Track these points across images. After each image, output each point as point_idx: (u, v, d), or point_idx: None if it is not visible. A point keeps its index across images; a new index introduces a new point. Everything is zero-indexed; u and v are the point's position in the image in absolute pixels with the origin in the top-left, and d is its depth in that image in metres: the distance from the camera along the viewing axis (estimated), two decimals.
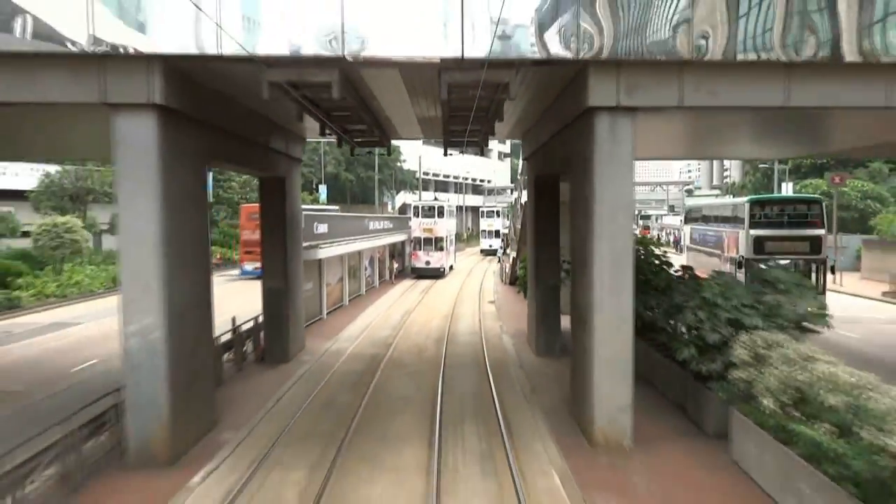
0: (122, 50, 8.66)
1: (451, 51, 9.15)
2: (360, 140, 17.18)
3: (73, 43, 8.52)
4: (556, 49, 9.23)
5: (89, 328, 21.23)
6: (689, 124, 14.38)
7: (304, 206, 20.55)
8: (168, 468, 9.28)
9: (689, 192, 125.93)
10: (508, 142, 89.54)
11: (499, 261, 41.28)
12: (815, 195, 22.90)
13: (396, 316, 23.79)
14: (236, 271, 38.80)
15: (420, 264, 37.85)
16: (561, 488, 8.61)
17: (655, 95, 9.57)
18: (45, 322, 22.44)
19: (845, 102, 9.79)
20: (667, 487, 8.61)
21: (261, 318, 16.52)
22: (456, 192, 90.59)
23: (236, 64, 9.20)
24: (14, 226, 43.74)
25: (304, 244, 18.59)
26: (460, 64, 9.35)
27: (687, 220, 32.19)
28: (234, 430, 10.98)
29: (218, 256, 43.08)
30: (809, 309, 10.52)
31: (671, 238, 70.08)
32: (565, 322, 14.94)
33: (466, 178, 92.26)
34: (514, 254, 32.21)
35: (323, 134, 14.55)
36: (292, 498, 8.44)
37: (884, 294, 28.07)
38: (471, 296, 29.99)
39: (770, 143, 19.17)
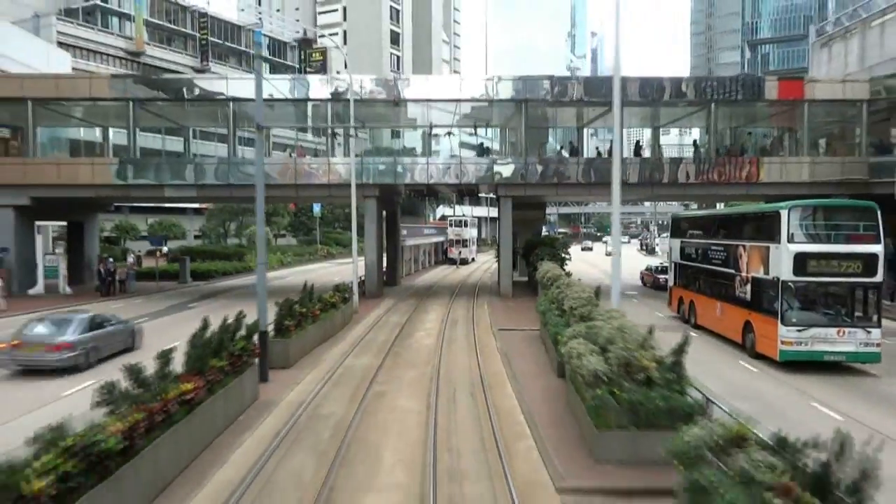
0: (367, 183, 31.99)
1: (457, 181, 32.28)
2: (422, 195, 40.64)
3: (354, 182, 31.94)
4: (490, 179, 32.26)
5: (292, 279, 44.87)
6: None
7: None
8: (377, 298, 32.46)
9: (686, 206, 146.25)
10: None
11: None
12: (868, 201, 18.36)
13: (440, 276, 47.18)
14: (336, 260, 62.70)
15: (453, 255, 61.21)
16: (486, 305, 31.35)
17: (517, 192, 32.50)
18: (271, 276, 46.26)
19: (582, 194, 32.63)
20: (518, 303, 31.41)
21: (384, 268, 39.94)
22: (487, 204, 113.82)
23: (399, 185, 32.62)
24: (184, 231, 68.67)
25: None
26: (461, 185, 32.60)
27: (675, 233, 27.12)
28: (390, 296, 34.23)
29: (325, 251, 67.12)
30: (564, 255, 33.39)
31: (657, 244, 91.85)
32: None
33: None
34: None
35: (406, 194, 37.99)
36: (413, 304, 31.54)
37: None
38: (480, 271, 53.18)
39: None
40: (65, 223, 37.70)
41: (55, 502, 6.00)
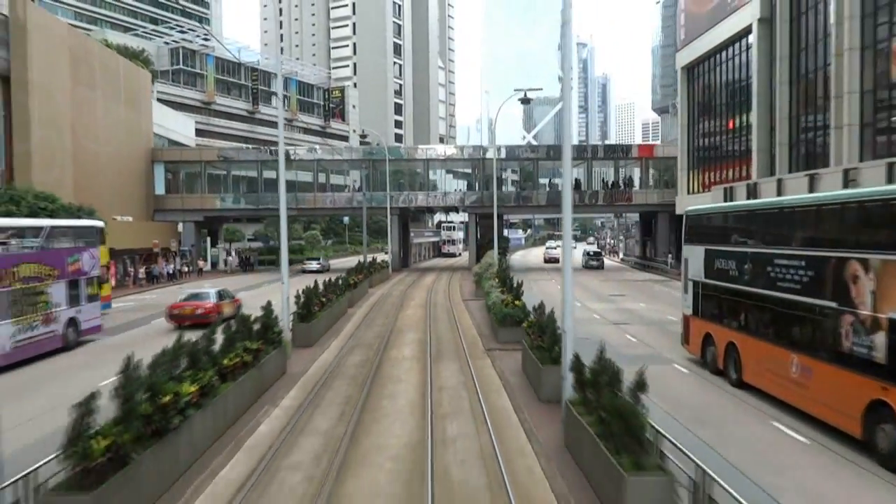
0: (392, 206, 56.18)
1: (444, 204, 56.58)
2: (424, 211, 65.08)
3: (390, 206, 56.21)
4: (463, 202, 56.54)
5: (339, 265, 69.01)
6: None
7: None
8: (398, 272, 56.50)
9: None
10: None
11: None
12: None
13: (436, 263, 71.94)
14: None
15: (445, 251, 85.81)
16: (459, 274, 55.47)
17: (478, 210, 56.77)
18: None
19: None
20: None
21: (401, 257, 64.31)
22: None
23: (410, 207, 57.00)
24: (243, 234, 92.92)
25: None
26: (446, 206, 56.98)
27: (693, 238, 17.33)
28: (406, 271, 58.46)
29: (353, 249, 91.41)
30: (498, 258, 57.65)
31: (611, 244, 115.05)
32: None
33: None
34: None
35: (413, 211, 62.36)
36: (419, 274, 55.75)
37: None
38: (463, 260, 77.77)
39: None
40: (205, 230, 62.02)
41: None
